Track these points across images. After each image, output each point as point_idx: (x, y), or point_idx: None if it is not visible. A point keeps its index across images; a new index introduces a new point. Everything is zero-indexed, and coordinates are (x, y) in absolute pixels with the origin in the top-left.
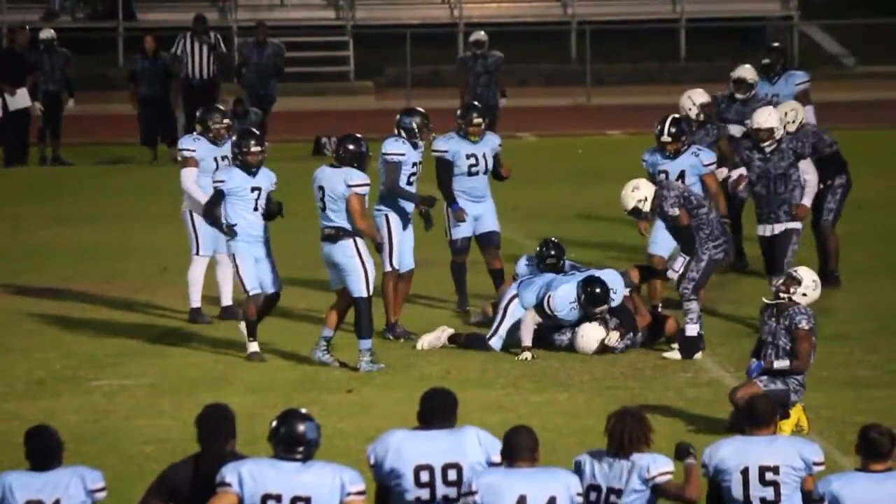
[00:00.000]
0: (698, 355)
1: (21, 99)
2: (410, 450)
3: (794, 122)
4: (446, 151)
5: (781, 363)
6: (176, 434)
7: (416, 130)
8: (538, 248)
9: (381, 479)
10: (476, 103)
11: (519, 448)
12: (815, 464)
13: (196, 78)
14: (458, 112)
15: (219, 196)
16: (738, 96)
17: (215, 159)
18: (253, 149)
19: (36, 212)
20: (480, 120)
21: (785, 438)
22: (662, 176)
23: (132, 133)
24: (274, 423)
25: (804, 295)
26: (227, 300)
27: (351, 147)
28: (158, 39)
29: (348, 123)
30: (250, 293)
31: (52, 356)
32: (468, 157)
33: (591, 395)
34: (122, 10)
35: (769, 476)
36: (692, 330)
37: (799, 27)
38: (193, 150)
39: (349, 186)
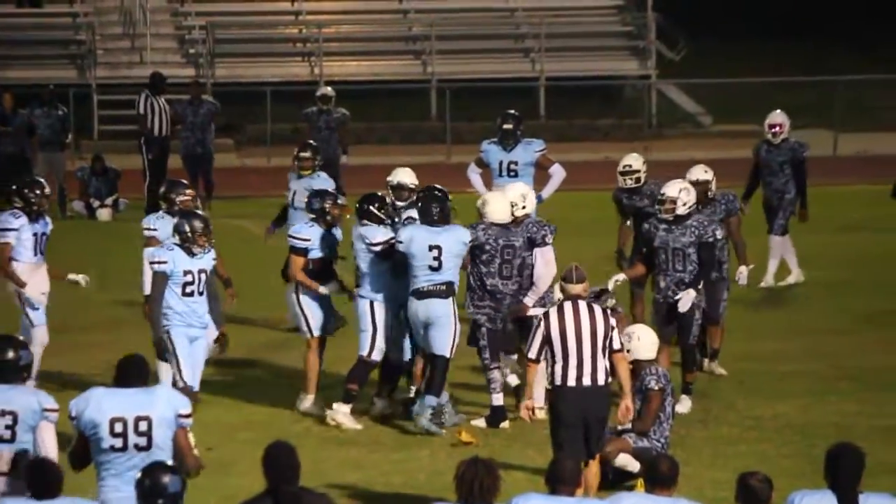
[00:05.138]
0: (504, 424)
1: None
2: (107, 403)
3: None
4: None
5: (624, 426)
6: None
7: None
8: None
9: (81, 429)
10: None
11: (562, 479)
12: None
13: (159, 135)
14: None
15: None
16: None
17: None
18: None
19: None
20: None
21: (685, 502)
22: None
23: None
24: (139, 475)
25: (628, 351)
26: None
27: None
28: (16, 97)
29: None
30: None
31: None
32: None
33: (453, 452)
34: None
35: None
36: (497, 399)
37: (656, 86)
38: (155, 230)
39: (465, 244)
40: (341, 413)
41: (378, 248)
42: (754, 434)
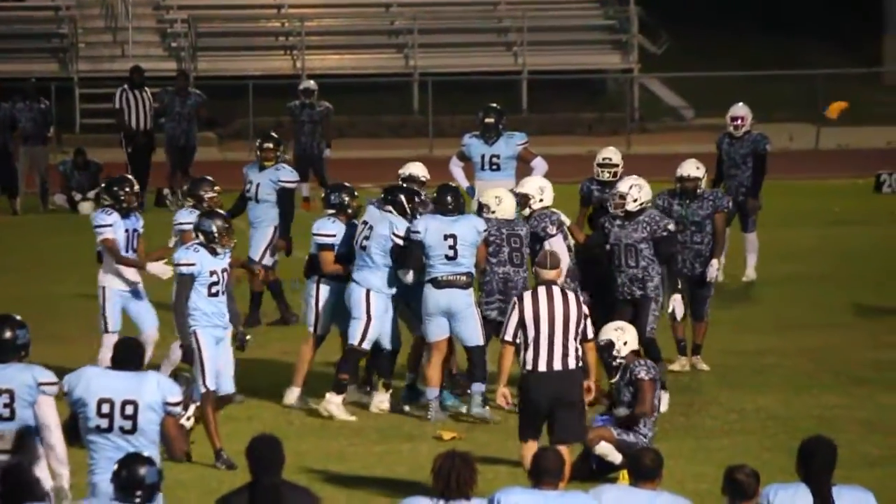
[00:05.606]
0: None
1: None
2: (96, 384)
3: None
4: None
5: (622, 410)
6: None
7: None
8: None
9: (72, 405)
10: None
11: (546, 471)
12: None
13: (139, 130)
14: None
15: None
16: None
17: None
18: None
19: None
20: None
21: (668, 495)
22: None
23: None
24: (116, 467)
25: (625, 343)
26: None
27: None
28: None
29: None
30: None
31: None
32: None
33: (435, 445)
34: None
35: None
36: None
37: (639, 80)
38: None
39: (480, 233)
40: (334, 404)
41: (400, 241)
42: (737, 427)
